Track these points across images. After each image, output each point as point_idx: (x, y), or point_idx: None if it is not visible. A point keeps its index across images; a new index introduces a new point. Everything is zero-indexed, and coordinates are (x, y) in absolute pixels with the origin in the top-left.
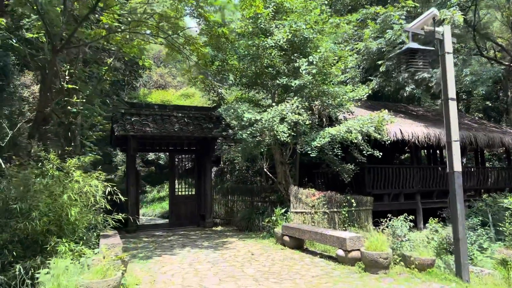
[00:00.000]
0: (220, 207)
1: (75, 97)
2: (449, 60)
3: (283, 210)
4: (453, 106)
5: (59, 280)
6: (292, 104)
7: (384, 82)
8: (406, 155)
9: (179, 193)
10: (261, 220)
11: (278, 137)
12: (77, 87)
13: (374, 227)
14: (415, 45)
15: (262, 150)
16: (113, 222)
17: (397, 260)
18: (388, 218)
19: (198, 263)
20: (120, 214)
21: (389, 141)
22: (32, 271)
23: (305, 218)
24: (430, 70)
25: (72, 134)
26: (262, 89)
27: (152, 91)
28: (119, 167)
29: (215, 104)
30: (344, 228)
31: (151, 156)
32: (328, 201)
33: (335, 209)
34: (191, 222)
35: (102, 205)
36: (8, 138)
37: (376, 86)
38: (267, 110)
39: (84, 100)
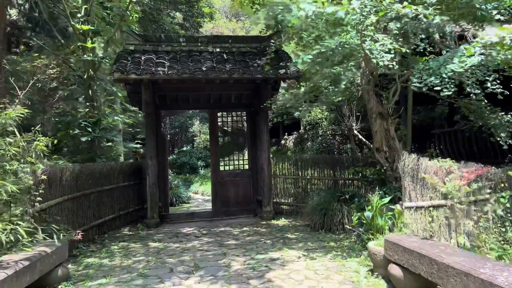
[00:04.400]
0: (287, 187)
1: (89, 42)
2: None
3: (386, 200)
4: None
5: None
6: None
7: None
8: None
9: (226, 168)
10: (346, 213)
11: (374, 60)
12: (94, 28)
13: None
14: None
15: (347, 90)
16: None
17: None
18: None
19: None
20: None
21: None
22: None
23: (435, 221)
24: None
25: (92, 91)
26: None
27: None
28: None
29: (271, 32)
30: (504, 228)
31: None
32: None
33: (487, 195)
34: (243, 210)
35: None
36: None
37: None
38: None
39: (103, 45)
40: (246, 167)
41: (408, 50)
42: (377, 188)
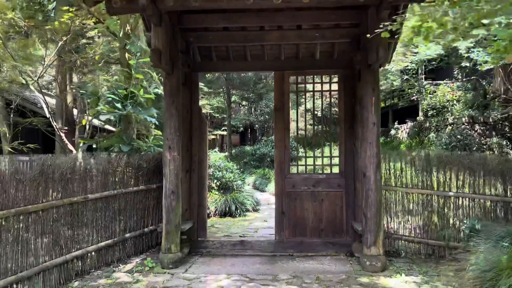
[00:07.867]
0: (409, 207)
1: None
2: None
3: None
4: None
5: None
6: None
7: None
8: None
9: (300, 170)
10: None
11: None
12: None
13: None
14: None
15: None
16: None
17: None
18: None
19: None
20: None
21: None
22: None
23: None
24: None
25: (129, 53)
26: None
27: None
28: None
29: None
30: None
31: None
32: None
33: None
34: (328, 244)
35: None
36: None
37: None
38: None
39: None
40: (336, 169)
41: None
42: None
